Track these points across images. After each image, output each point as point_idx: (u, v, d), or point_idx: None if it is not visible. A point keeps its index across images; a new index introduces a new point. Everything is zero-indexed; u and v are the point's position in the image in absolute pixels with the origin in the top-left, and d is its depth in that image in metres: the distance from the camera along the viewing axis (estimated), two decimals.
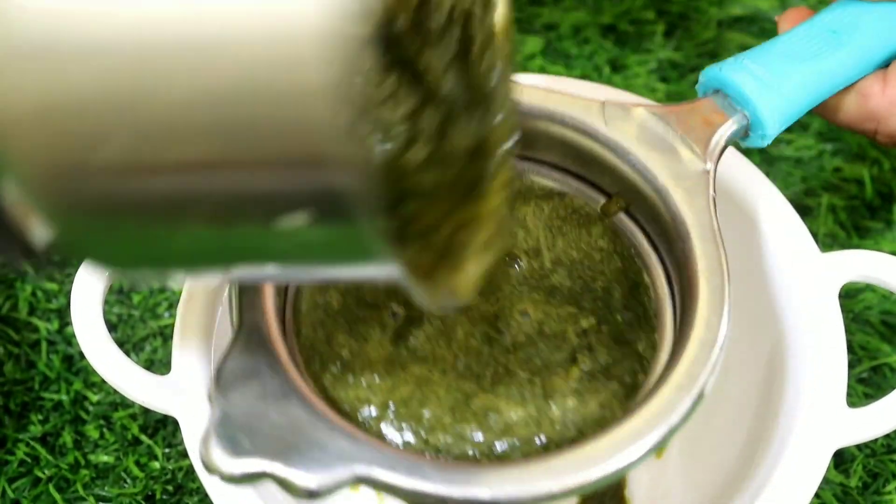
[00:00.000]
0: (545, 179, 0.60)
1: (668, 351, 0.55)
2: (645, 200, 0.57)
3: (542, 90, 0.59)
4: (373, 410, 0.53)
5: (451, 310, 0.53)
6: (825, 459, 0.55)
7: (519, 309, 0.56)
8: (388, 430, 0.52)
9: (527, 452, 0.52)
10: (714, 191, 0.56)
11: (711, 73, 0.59)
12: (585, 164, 0.59)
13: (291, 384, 0.50)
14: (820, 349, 0.57)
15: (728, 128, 0.58)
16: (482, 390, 0.54)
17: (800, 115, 0.59)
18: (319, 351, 0.54)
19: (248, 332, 0.52)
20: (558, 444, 0.52)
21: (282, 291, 0.55)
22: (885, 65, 0.60)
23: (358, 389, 0.53)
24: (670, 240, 0.56)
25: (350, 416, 0.53)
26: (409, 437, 0.52)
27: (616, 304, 0.57)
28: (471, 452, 0.52)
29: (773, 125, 0.58)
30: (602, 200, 0.59)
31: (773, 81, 0.58)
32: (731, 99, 0.58)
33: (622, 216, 0.59)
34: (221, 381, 0.50)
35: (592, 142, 0.58)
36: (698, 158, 0.57)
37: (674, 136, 0.57)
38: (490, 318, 0.56)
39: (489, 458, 0.52)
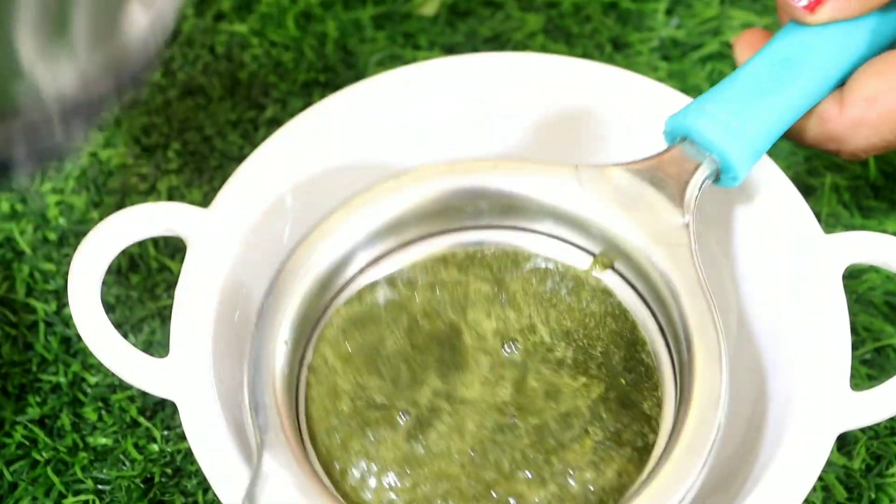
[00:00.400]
0: (528, 247, 0.61)
1: (673, 405, 0.56)
2: (629, 260, 0.58)
3: (514, 161, 0.60)
4: None
5: None
6: (828, 444, 0.54)
7: (523, 390, 0.57)
8: None
9: None
10: (696, 244, 0.57)
11: (676, 122, 0.60)
12: (565, 228, 0.60)
13: (322, 502, 0.52)
14: (823, 333, 0.57)
15: (700, 176, 0.58)
16: (503, 478, 0.55)
17: (767, 149, 0.60)
18: (337, 457, 0.55)
19: (271, 455, 0.52)
20: None
21: (294, 402, 0.56)
22: (842, 84, 0.61)
23: (381, 492, 0.54)
24: (659, 298, 0.57)
25: None
26: None
27: (618, 367, 0.58)
28: None
29: (742, 167, 0.59)
30: (587, 261, 0.60)
31: (737, 125, 0.58)
32: (698, 146, 0.59)
33: (610, 274, 0.60)
34: None
35: (569, 207, 0.59)
36: (676, 213, 0.58)
37: (649, 193, 0.58)
38: (497, 405, 0.57)
39: None
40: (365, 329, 0.58)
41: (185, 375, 0.56)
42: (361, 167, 0.65)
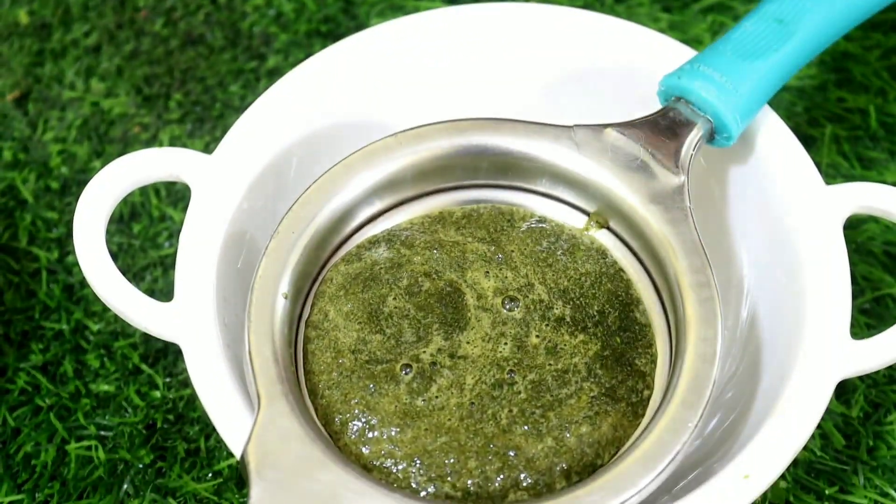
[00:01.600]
0: (524, 205, 0.61)
1: (666, 361, 0.57)
2: (624, 219, 0.59)
3: (511, 121, 0.60)
4: (400, 464, 0.54)
5: None
6: (828, 391, 0.55)
7: (522, 346, 0.57)
8: (418, 481, 0.54)
9: (550, 482, 0.54)
10: (690, 202, 0.58)
11: (671, 82, 0.60)
12: (561, 187, 0.61)
13: (322, 451, 0.52)
14: (824, 282, 0.57)
15: (695, 136, 0.59)
16: (501, 431, 0.55)
17: (759, 109, 0.60)
18: (338, 410, 0.56)
19: (271, 405, 0.53)
20: (578, 470, 0.55)
21: (293, 356, 0.56)
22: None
23: (381, 444, 0.55)
24: (655, 256, 0.58)
25: (380, 472, 0.54)
26: (440, 485, 0.54)
27: (613, 326, 0.58)
28: (499, 489, 0.54)
29: (736, 126, 0.60)
30: (582, 220, 0.61)
31: (731, 85, 0.59)
32: (693, 106, 0.59)
33: (605, 233, 0.60)
34: (254, 458, 0.51)
35: (565, 166, 0.60)
36: (671, 172, 0.59)
37: (645, 153, 0.59)
38: (495, 360, 0.57)
39: (516, 492, 0.54)
40: (364, 285, 0.58)
41: (189, 319, 0.56)
42: (363, 117, 0.65)
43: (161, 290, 0.70)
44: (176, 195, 0.73)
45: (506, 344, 0.57)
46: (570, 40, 0.66)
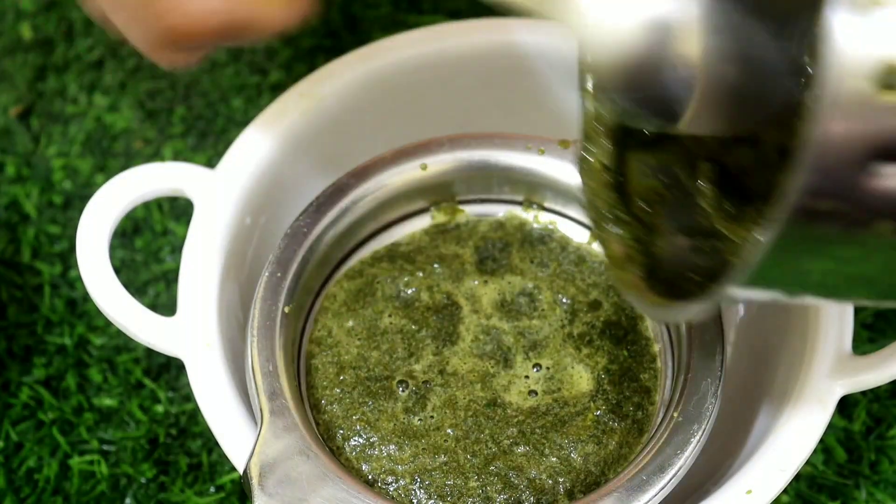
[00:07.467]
0: (526, 220, 0.62)
1: (669, 376, 0.57)
2: None
3: (513, 136, 0.61)
4: (400, 481, 0.54)
5: None
6: (830, 406, 0.55)
7: (529, 362, 0.58)
8: (419, 499, 0.54)
9: (552, 501, 0.54)
10: None
11: None
12: (563, 202, 0.61)
13: (326, 466, 0.52)
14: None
15: None
16: (502, 452, 0.55)
17: None
18: (340, 426, 0.56)
19: (274, 420, 0.53)
20: (583, 490, 0.54)
21: (296, 371, 0.57)
22: None
23: (381, 461, 0.55)
24: None
25: (381, 489, 0.54)
26: None
27: (620, 340, 0.58)
28: None
29: None
30: (585, 235, 0.61)
31: None
32: None
33: None
34: (257, 472, 0.51)
35: (569, 182, 0.60)
36: None
37: None
38: (498, 384, 0.57)
39: None
40: (364, 301, 0.59)
41: (192, 334, 0.56)
42: (366, 131, 0.65)
43: (164, 304, 0.70)
44: (178, 210, 0.73)
45: (504, 357, 0.57)
46: (573, 55, 0.66)
